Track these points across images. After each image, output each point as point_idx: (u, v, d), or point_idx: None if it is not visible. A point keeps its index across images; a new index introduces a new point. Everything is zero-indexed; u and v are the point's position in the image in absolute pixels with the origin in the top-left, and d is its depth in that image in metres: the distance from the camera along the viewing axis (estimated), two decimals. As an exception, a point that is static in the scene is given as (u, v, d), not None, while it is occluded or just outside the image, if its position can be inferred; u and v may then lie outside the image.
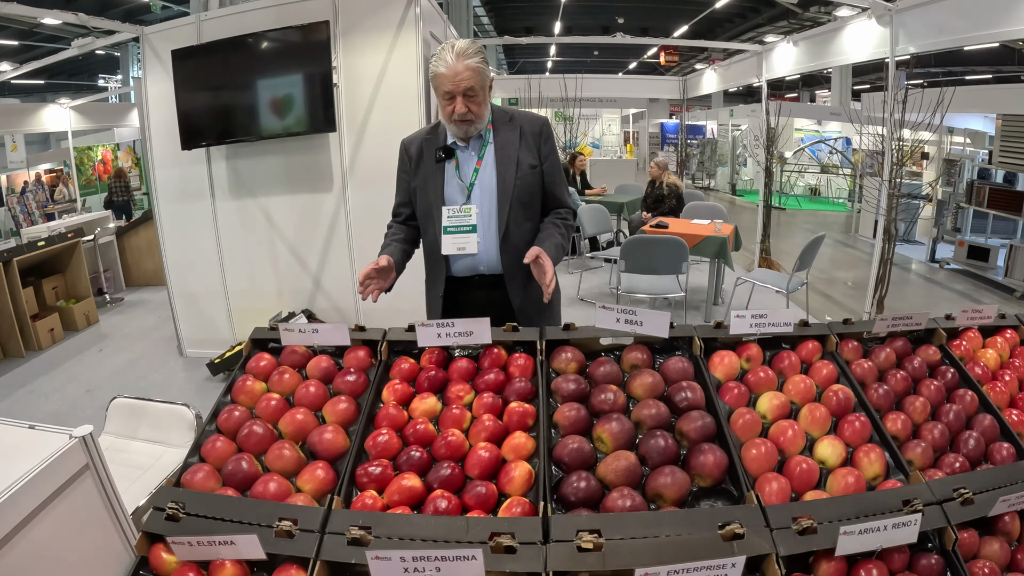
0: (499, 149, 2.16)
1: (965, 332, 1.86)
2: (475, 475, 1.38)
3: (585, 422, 1.46)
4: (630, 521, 1.17)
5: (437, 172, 2.18)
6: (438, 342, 1.66)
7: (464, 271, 2.24)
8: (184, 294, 4.99)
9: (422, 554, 1.06)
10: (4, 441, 1.29)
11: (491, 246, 2.19)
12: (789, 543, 1.14)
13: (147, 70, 4.44)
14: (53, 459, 1.20)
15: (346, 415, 1.52)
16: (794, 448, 1.43)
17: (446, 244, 2.15)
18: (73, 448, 1.24)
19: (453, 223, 2.15)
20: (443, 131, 2.19)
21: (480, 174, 2.17)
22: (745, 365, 1.67)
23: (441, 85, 1.99)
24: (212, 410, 1.54)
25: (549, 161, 2.23)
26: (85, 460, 1.27)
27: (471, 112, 2.02)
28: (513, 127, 2.18)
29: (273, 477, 1.35)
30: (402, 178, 2.29)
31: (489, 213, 2.17)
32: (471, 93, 1.99)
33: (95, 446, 1.27)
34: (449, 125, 2.09)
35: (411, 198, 2.28)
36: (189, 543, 1.15)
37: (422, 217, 2.25)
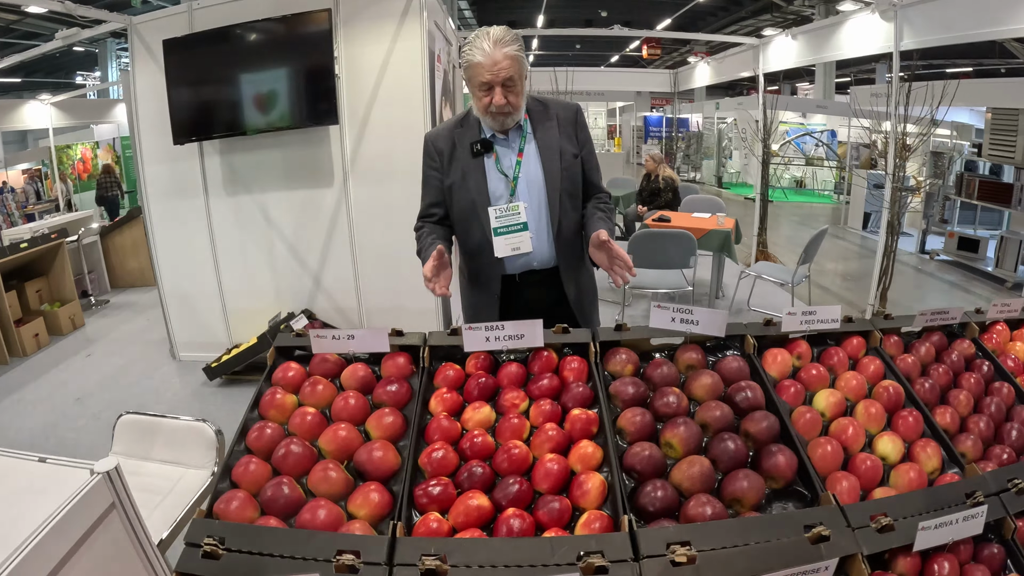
0: (540, 140, 2.05)
1: (993, 326, 1.88)
2: (544, 489, 1.28)
3: (651, 427, 1.39)
4: (718, 530, 1.11)
5: (475, 167, 2.03)
6: (487, 346, 1.54)
7: (517, 269, 2.12)
8: (176, 295, 4.79)
9: None
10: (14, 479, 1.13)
11: (544, 241, 2.08)
12: (871, 542, 1.13)
13: (136, 62, 4.24)
14: (76, 501, 1.04)
15: (393, 429, 1.38)
16: (856, 445, 1.43)
17: (499, 247, 2.02)
18: (97, 486, 1.08)
19: (503, 223, 2.02)
20: (474, 123, 2.05)
21: (524, 167, 2.04)
22: (796, 363, 1.65)
23: (477, 75, 1.86)
24: (240, 427, 1.40)
25: (587, 148, 2.14)
26: (111, 498, 1.11)
27: (509, 104, 1.89)
28: (549, 116, 2.07)
29: (321, 503, 1.21)
30: (431, 176, 2.13)
31: (539, 207, 2.06)
32: (510, 84, 1.86)
33: (121, 481, 1.12)
34: (484, 117, 1.97)
35: (444, 197, 2.12)
36: None
37: (462, 216, 2.10)
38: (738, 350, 1.65)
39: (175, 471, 2.03)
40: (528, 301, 2.14)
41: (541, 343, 1.57)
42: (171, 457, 2.05)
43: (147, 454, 2.06)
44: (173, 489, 1.93)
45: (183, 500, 1.85)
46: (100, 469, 1.08)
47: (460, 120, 2.09)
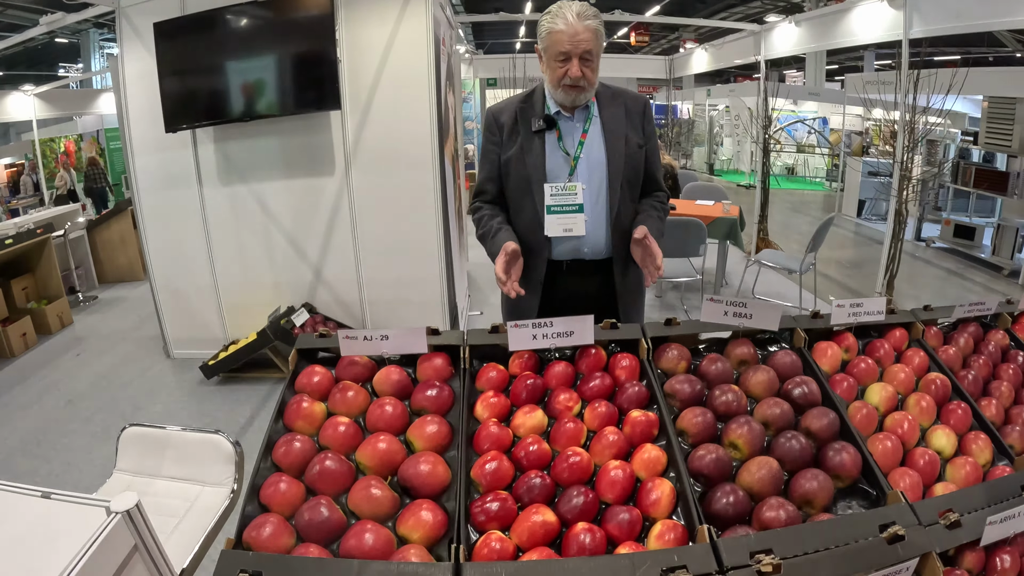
0: (606, 123, 1.99)
1: (1022, 316, 1.88)
2: (611, 499, 1.18)
3: (713, 427, 1.32)
4: (797, 535, 1.05)
5: (535, 142, 1.98)
6: (533, 345, 1.41)
7: (565, 254, 2.05)
8: (169, 290, 4.60)
9: None
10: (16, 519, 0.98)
11: (599, 227, 2.01)
12: (942, 539, 1.10)
13: (124, 47, 4.03)
14: (95, 547, 0.89)
15: (439, 439, 1.25)
16: (912, 440, 1.42)
17: (550, 225, 1.96)
18: (117, 528, 0.93)
19: (557, 202, 1.96)
20: (539, 99, 2.01)
21: (586, 147, 1.98)
22: (845, 356, 1.61)
23: (556, 44, 1.83)
24: (264, 440, 1.26)
25: (651, 142, 2.09)
26: (132, 540, 0.97)
27: (585, 78, 1.86)
28: (617, 103, 2.02)
29: (367, 525, 1.07)
30: (490, 150, 2.08)
31: (598, 191, 1.99)
32: (588, 57, 1.84)
33: (143, 519, 0.97)
34: (556, 91, 1.92)
35: (499, 172, 2.07)
36: None
37: (516, 192, 2.04)
38: (786, 343, 1.60)
39: (190, 489, 1.85)
40: (572, 291, 2.07)
41: (592, 341, 1.45)
42: (184, 474, 1.88)
43: (156, 471, 1.89)
44: (190, 510, 1.76)
45: (202, 523, 1.68)
46: (118, 508, 0.93)
47: (525, 96, 2.05)
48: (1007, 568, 1.18)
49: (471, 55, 10.40)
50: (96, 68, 14.53)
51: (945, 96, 4.99)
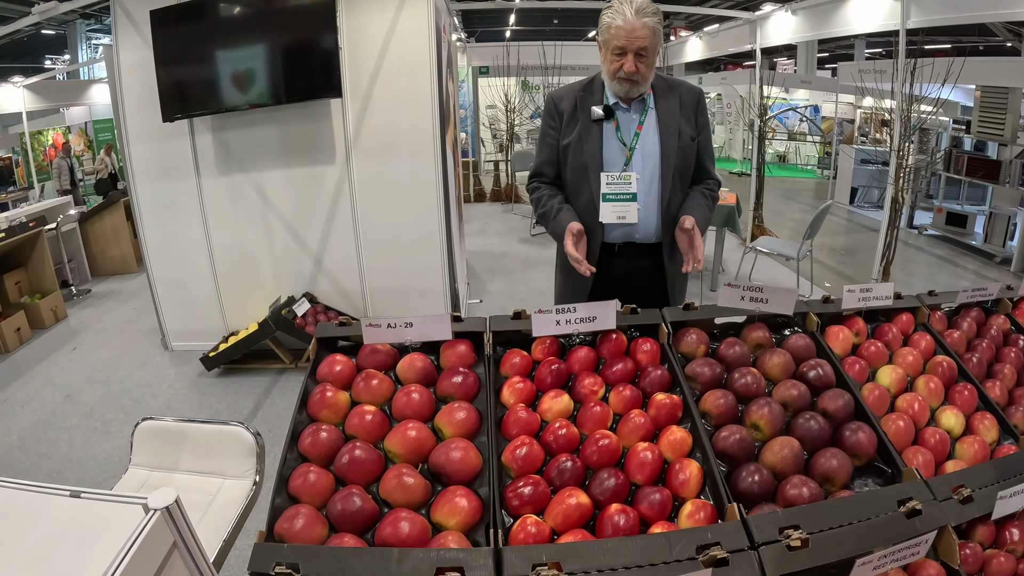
0: (661, 115, 2.06)
1: (1022, 301, 1.94)
2: (641, 481, 1.20)
3: (735, 409, 1.36)
4: (822, 511, 1.10)
5: (594, 131, 2.05)
6: (557, 330, 1.42)
7: (618, 238, 2.13)
8: (167, 282, 4.55)
9: None
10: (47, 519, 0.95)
11: (651, 215, 2.09)
12: (956, 513, 1.15)
13: (119, 35, 3.96)
14: (136, 546, 0.86)
15: (468, 425, 1.25)
16: (923, 420, 1.46)
17: (605, 212, 2.04)
18: (157, 525, 0.91)
19: (613, 191, 2.04)
20: (598, 88, 2.07)
21: (641, 139, 2.06)
22: (855, 339, 1.65)
23: (614, 39, 1.89)
24: (290, 431, 1.25)
25: (704, 133, 2.15)
26: (172, 537, 0.95)
27: (639, 72, 1.92)
28: (673, 95, 2.08)
29: (401, 514, 1.07)
30: (548, 134, 2.15)
31: (651, 180, 2.07)
32: (643, 53, 1.90)
33: (183, 515, 0.95)
34: (611, 83, 1.98)
35: (557, 156, 2.14)
36: None
37: (573, 178, 2.11)
38: (799, 327, 1.64)
39: (211, 482, 1.82)
40: (623, 272, 2.15)
41: (614, 326, 1.46)
42: (203, 467, 1.85)
43: (174, 465, 1.86)
44: (212, 503, 1.74)
45: (227, 515, 1.66)
46: (157, 504, 0.91)
47: (585, 84, 2.11)
48: (1016, 541, 1.24)
49: (463, 43, 10.32)
50: (83, 59, 14.35)
51: (942, 85, 5.01)
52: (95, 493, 0.99)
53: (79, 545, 0.91)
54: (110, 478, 3.14)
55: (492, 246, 6.96)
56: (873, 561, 1.04)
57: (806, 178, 14.14)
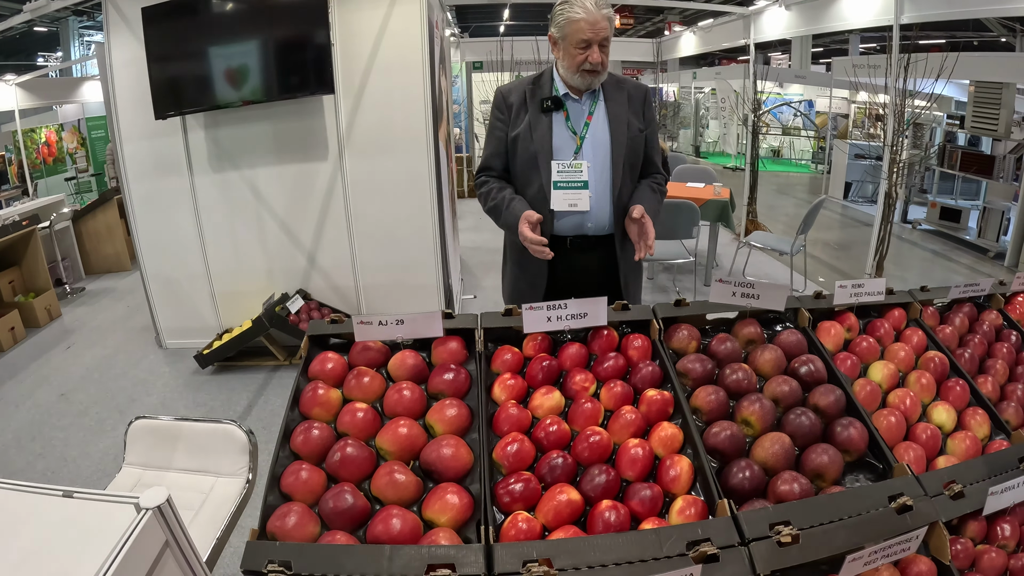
0: (611, 108, 2.10)
1: (1015, 297, 1.95)
2: (632, 477, 1.20)
3: (725, 405, 1.36)
4: (812, 507, 1.10)
5: (543, 121, 2.07)
6: (548, 327, 1.42)
7: (568, 230, 2.13)
8: (160, 280, 4.54)
9: None
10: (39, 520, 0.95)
11: (603, 204, 2.10)
12: (947, 509, 1.15)
13: (111, 33, 3.94)
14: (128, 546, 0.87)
15: (459, 422, 1.25)
16: (914, 415, 1.47)
17: (556, 199, 2.06)
18: (148, 525, 0.91)
19: (564, 178, 2.06)
20: (547, 82, 2.10)
21: (591, 128, 2.09)
22: (847, 335, 1.66)
23: (578, 32, 1.91)
24: (282, 429, 1.25)
25: (651, 128, 2.20)
26: (164, 536, 0.95)
27: (602, 63, 1.96)
28: (621, 91, 2.13)
29: (393, 511, 1.07)
30: (497, 127, 2.16)
31: (602, 170, 2.09)
32: (605, 43, 1.94)
33: (174, 514, 0.95)
34: (574, 76, 2.00)
35: (506, 148, 2.15)
36: None
37: (522, 168, 2.12)
38: (790, 323, 1.64)
39: (204, 481, 1.82)
40: (575, 265, 2.15)
41: (605, 322, 1.46)
42: (196, 465, 1.84)
43: (167, 463, 1.86)
44: (205, 502, 1.74)
45: (220, 514, 1.66)
46: (148, 504, 0.91)
47: (535, 78, 2.14)
48: (1008, 536, 1.24)
49: (457, 38, 10.30)
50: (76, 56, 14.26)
51: (935, 81, 5.01)
52: (87, 493, 0.99)
53: (71, 545, 0.91)
54: (105, 477, 3.13)
55: (486, 241, 6.95)
56: (863, 557, 1.04)
57: (800, 173, 14.16)
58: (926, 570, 1.12)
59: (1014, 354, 1.76)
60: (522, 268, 2.21)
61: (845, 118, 12.36)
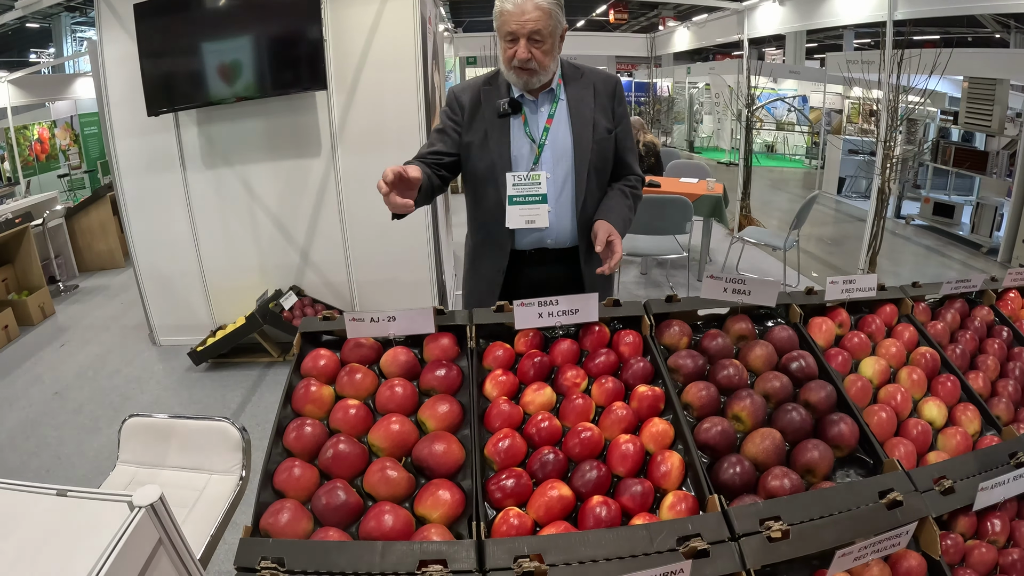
0: (573, 107, 1.92)
1: (1007, 293, 1.95)
2: (623, 472, 1.20)
3: (717, 401, 1.36)
4: (802, 503, 1.11)
5: (500, 128, 1.89)
6: (540, 323, 1.42)
7: (527, 244, 1.98)
8: (153, 277, 4.54)
9: None
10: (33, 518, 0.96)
11: (564, 217, 1.95)
12: (937, 504, 1.16)
13: (103, 30, 3.93)
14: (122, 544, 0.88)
15: (451, 418, 1.25)
16: (905, 411, 1.47)
17: (512, 217, 1.88)
18: (142, 522, 0.92)
19: (520, 192, 1.88)
20: (503, 83, 1.92)
21: (552, 133, 1.91)
22: (839, 331, 1.65)
23: (504, 24, 1.77)
24: (275, 426, 1.24)
25: (623, 125, 2.01)
26: (157, 534, 0.96)
27: (535, 59, 1.78)
28: (585, 84, 1.94)
29: (385, 507, 1.08)
30: (449, 127, 1.95)
31: (564, 179, 1.93)
32: (537, 38, 1.76)
33: (167, 512, 0.96)
34: (508, 73, 1.85)
35: (451, 152, 1.94)
36: None
37: (478, 179, 1.96)
38: (782, 319, 1.64)
39: (198, 478, 1.80)
40: (536, 280, 1.99)
41: (596, 318, 1.46)
42: (189, 463, 1.83)
43: (161, 461, 1.84)
44: (199, 499, 1.73)
45: (213, 511, 1.66)
46: (142, 502, 0.92)
47: (489, 78, 1.96)
48: (998, 532, 1.25)
49: (450, 33, 10.28)
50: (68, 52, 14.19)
51: (928, 77, 5.03)
52: (81, 492, 1.00)
53: (66, 544, 0.92)
54: (99, 475, 3.12)
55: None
56: (853, 552, 1.04)
57: (794, 168, 14.22)
58: (916, 565, 1.12)
59: (1005, 350, 1.76)
60: (475, 270, 2.09)
61: (839, 114, 12.40)
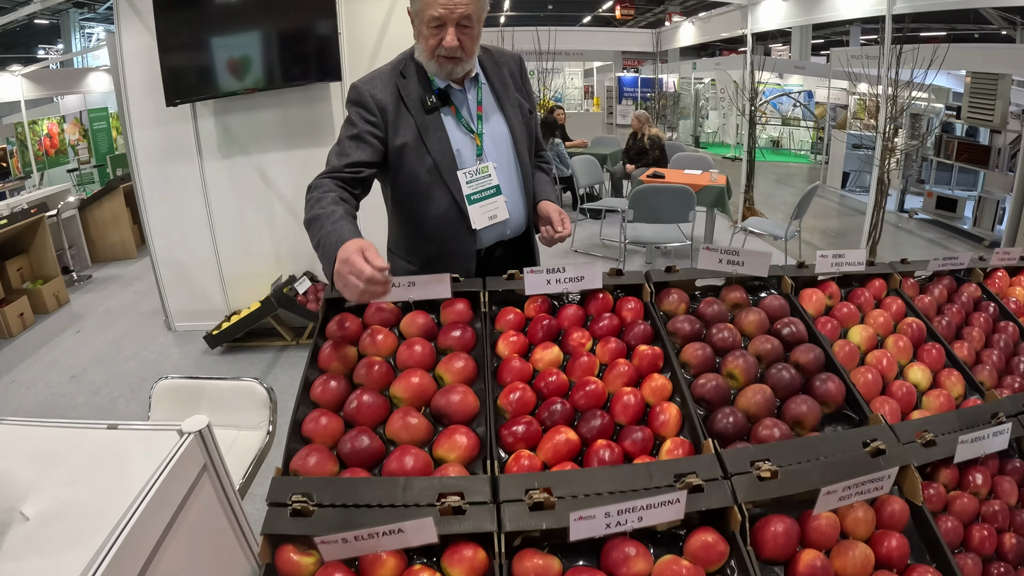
0: (498, 90, 1.80)
1: (995, 272, 2.03)
2: (625, 421, 1.30)
3: (712, 360, 1.46)
4: (790, 448, 1.20)
5: (433, 124, 1.71)
6: (548, 289, 1.53)
7: (488, 241, 1.86)
8: (170, 264, 4.68)
9: (626, 506, 0.99)
10: (88, 448, 1.07)
11: (517, 204, 1.85)
12: (919, 455, 1.24)
13: (121, 23, 4.06)
14: (172, 464, 0.98)
15: (466, 373, 1.36)
16: (891, 374, 1.56)
17: (476, 217, 1.75)
18: (190, 447, 1.03)
19: (475, 189, 1.75)
20: (415, 72, 1.71)
21: (486, 121, 1.78)
22: (829, 302, 1.75)
23: (427, 8, 1.55)
24: (302, 382, 1.35)
25: (532, 101, 1.91)
26: (203, 460, 1.06)
27: (463, 48, 1.60)
28: (498, 65, 1.83)
29: (408, 450, 1.18)
30: (364, 136, 1.69)
31: (508, 167, 1.82)
32: (466, 23, 1.58)
33: (213, 440, 1.06)
34: (429, 63, 1.66)
35: (376, 161, 1.71)
36: (344, 539, 0.94)
37: (420, 186, 1.76)
38: (775, 290, 1.73)
39: (226, 433, 1.84)
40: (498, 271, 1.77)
41: (600, 284, 1.57)
42: (219, 420, 1.80)
43: None
44: (229, 452, 1.79)
45: (242, 462, 1.74)
46: (190, 428, 1.03)
47: (399, 69, 1.73)
48: (979, 485, 1.33)
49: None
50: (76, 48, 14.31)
51: (926, 71, 5.11)
52: (131, 424, 1.10)
53: (117, 468, 1.02)
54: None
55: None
56: (838, 491, 1.11)
57: (800, 163, 14.24)
58: (899, 509, 1.20)
59: (991, 323, 1.83)
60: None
61: (844, 109, 12.43)
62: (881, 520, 1.20)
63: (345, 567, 1.01)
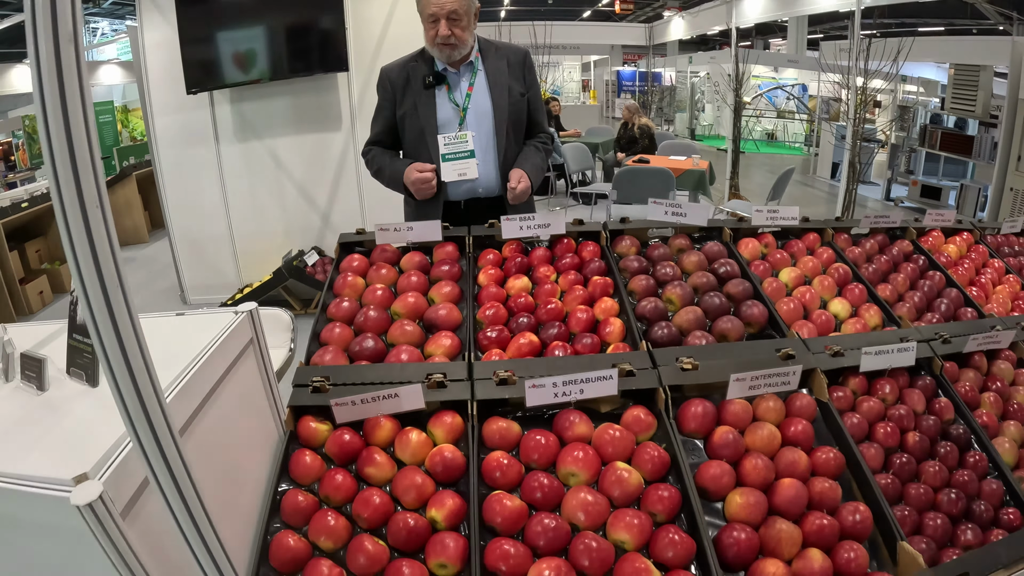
0: (490, 76, 2.25)
1: (930, 232, 2.23)
2: (578, 331, 1.60)
3: (654, 288, 1.73)
4: (711, 349, 1.49)
5: (427, 98, 2.22)
6: (520, 234, 1.85)
7: (462, 195, 2.32)
8: (186, 241, 5.02)
9: (569, 378, 1.29)
10: (158, 329, 1.31)
11: (490, 169, 2.29)
12: (826, 362, 1.47)
13: (143, 17, 4.41)
14: (224, 336, 1.26)
15: (452, 295, 1.69)
16: (813, 305, 1.79)
17: (446, 171, 2.22)
18: (242, 323, 1.34)
19: (451, 150, 2.22)
20: (429, 58, 2.24)
21: (473, 99, 2.24)
22: (764, 250, 1.98)
23: (426, 7, 2.08)
24: (320, 304, 1.67)
25: (533, 90, 2.35)
26: (250, 335, 1.38)
27: (454, 36, 2.09)
28: (500, 57, 2.28)
29: (404, 348, 1.51)
30: (384, 107, 2.31)
31: (487, 137, 2.27)
32: (455, 17, 2.07)
33: (259, 321, 1.38)
34: (432, 49, 2.17)
35: (394, 126, 2.31)
36: (352, 402, 1.25)
37: (412, 143, 2.29)
38: (717, 239, 1.99)
39: None
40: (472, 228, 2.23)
41: (564, 230, 1.89)
42: None
43: None
44: None
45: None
46: (243, 310, 1.36)
47: (416, 56, 2.28)
48: (887, 393, 1.52)
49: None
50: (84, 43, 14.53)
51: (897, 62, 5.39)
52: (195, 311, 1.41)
53: (180, 341, 1.27)
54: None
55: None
56: (747, 380, 1.31)
57: (793, 155, 14.43)
58: (807, 404, 1.41)
59: (919, 273, 2.01)
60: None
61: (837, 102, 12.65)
62: (790, 411, 1.39)
63: (352, 430, 1.30)
